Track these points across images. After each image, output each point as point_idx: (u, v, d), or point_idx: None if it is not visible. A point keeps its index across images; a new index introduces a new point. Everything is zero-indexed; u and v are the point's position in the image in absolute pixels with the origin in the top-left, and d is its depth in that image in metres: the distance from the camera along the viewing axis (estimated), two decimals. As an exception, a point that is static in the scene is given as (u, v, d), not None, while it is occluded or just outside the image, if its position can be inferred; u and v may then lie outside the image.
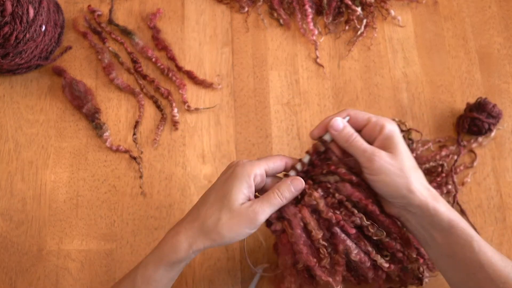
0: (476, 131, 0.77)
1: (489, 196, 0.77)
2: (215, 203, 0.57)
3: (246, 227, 0.56)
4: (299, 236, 0.58)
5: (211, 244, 0.57)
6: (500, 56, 0.85)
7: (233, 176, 0.57)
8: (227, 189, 0.57)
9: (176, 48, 0.84)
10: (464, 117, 0.78)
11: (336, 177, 0.60)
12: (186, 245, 0.57)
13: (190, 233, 0.57)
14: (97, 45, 0.83)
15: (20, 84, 0.81)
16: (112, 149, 0.78)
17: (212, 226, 0.56)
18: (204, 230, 0.56)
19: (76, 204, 0.75)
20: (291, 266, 0.60)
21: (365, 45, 0.85)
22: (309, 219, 0.58)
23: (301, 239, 0.58)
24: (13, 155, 0.78)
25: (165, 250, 0.57)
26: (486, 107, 0.76)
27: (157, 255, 0.58)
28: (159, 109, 0.80)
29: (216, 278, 0.72)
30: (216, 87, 0.82)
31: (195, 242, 0.57)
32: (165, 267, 0.57)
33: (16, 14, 0.74)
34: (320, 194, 0.59)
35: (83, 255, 0.73)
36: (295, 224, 0.58)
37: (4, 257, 0.72)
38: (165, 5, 0.86)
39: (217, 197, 0.58)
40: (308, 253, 0.58)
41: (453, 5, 0.88)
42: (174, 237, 0.57)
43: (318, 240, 0.58)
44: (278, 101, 0.81)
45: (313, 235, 0.58)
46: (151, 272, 0.57)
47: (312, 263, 0.58)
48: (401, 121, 0.79)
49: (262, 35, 0.85)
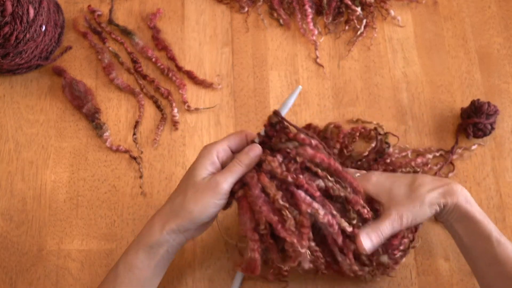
0: (481, 135, 0.77)
1: (488, 196, 0.77)
2: (181, 185, 0.60)
3: (211, 197, 0.58)
4: (258, 196, 0.58)
5: (182, 221, 0.58)
6: (500, 56, 0.85)
7: (197, 158, 0.61)
8: (191, 168, 0.60)
9: (176, 48, 0.84)
10: (466, 124, 0.77)
11: (295, 143, 0.61)
12: (159, 226, 0.59)
13: (162, 215, 0.60)
14: (97, 45, 0.83)
15: (20, 84, 0.81)
16: (112, 149, 0.78)
17: (179, 204, 0.59)
18: (173, 210, 0.59)
19: (76, 204, 0.75)
20: (252, 229, 0.59)
21: (365, 45, 0.85)
22: (267, 182, 0.58)
23: (259, 199, 0.58)
24: (13, 155, 0.78)
25: (142, 234, 0.60)
26: (482, 109, 0.76)
27: (136, 241, 0.61)
28: (159, 109, 0.80)
29: (216, 278, 0.72)
30: (216, 87, 0.82)
31: (167, 222, 0.59)
32: (143, 251, 0.59)
33: (16, 14, 0.74)
34: (279, 159, 0.60)
35: (83, 255, 0.73)
36: (253, 185, 0.58)
37: (4, 257, 0.73)
38: (165, 5, 0.87)
39: (183, 179, 0.61)
40: (268, 210, 0.58)
41: (453, 5, 0.88)
42: (149, 222, 0.61)
43: (277, 200, 0.58)
44: (278, 101, 0.81)
45: (272, 196, 0.58)
46: (131, 258, 0.59)
47: (274, 221, 0.57)
48: (378, 124, 0.79)
49: (262, 35, 0.85)
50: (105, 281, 0.61)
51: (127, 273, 0.59)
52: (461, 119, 0.79)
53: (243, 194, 0.60)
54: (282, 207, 0.58)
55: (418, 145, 0.79)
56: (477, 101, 0.77)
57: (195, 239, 0.73)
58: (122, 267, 0.59)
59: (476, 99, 0.77)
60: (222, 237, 0.73)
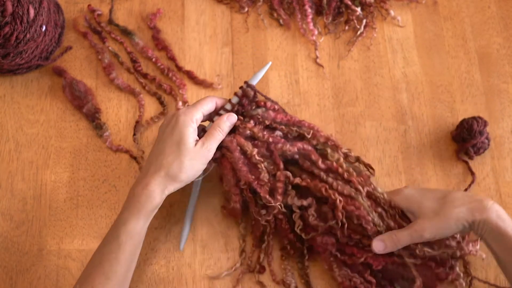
0: (483, 151, 0.77)
1: (488, 196, 0.77)
2: (173, 151, 0.65)
3: (202, 163, 0.66)
4: (238, 158, 0.67)
5: (180, 184, 0.65)
6: (499, 56, 0.85)
7: (179, 125, 0.65)
8: (178, 136, 0.65)
9: (176, 48, 0.84)
10: (465, 148, 0.76)
11: (262, 109, 0.72)
12: (159, 192, 0.64)
13: (160, 180, 0.64)
14: (97, 45, 0.83)
15: (21, 84, 0.81)
16: (112, 149, 0.78)
17: (177, 170, 0.64)
18: (171, 175, 0.64)
19: (76, 204, 0.75)
20: (234, 185, 0.69)
21: (365, 45, 0.85)
22: (244, 142, 0.68)
23: (239, 160, 0.67)
24: (14, 155, 0.78)
25: (141, 202, 0.63)
26: (474, 127, 0.75)
27: (135, 208, 0.63)
28: (162, 105, 0.80)
29: (216, 278, 0.72)
30: (216, 87, 0.82)
31: (166, 187, 0.64)
32: (144, 217, 0.63)
33: (17, 14, 0.74)
34: (252, 124, 0.70)
35: (84, 255, 0.73)
36: (233, 149, 0.68)
37: (5, 257, 0.73)
38: (165, 5, 0.87)
39: (172, 145, 0.65)
40: (247, 171, 0.67)
41: (452, 5, 0.88)
42: (146, 188, 0.63)
43: (254, 156, 0.67)
44: (278, 101, 0.81)
45: (249, 153, 0.68)
46: (133, 226, 0.63)
47: (251, 179, 0.67)
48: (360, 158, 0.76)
49: (262, 35, 0.85)
50: (106, 251, 0.63)
51: (129, 241, 0.62)
52: (456, 144, 0.78)
53: (222, 155, 0.69)
54: (258, 161, 0.68)
55: (418, 145, 0.79)
56: (466, 121, 0.76)
57: (195, 239, 0.74)
58: (124, 237, 0.62)
59: (464, 119, 0.77)
60: (222, 235, 0.74)
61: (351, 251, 0.68)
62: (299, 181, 0.69)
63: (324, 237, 0.69)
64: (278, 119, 0.72)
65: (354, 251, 0.68)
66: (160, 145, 0.66)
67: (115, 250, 0.62)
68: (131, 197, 0.64)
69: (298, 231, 0.69)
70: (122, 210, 0.64)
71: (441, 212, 0.63)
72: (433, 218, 0.63)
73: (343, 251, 0.69)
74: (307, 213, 0.69)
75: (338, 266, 0.69)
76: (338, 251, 0.69)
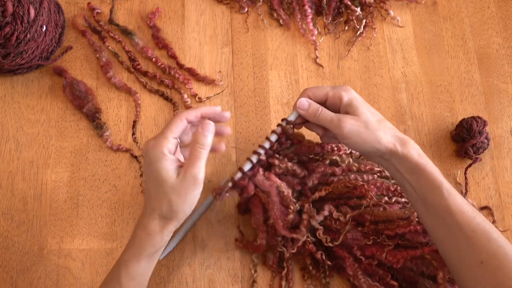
0: (482, 151, 0.77)
1: (488, 196, 0.77)
2: (157, 192, 0.60)
3: (193, 191, 0.60)
4: (275, 202, 0.67)
5: (178, 221, 0.61)
6: (499, 56, 0.85)
7: (152, 162, 0.60)
8: (154, 174, 0.60)
9: (176, 48, 0.84)
10: (465, 148, 0.77)
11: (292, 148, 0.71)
12: (159, 233, 0.61)
13: (156, 223, 0.61)
14: (95, 44, 0.83)
15: (21, 84, 0.82)
16: (112, 148, 0.78)
17: (169, 210, 0.60)
18: (166, 216, 0.60)
19: (76, 204, 0.76)
20: (263, 223, 0.69)
21: (365, 45, 0.85)
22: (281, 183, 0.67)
23: (275, 204, 0.67)
24: (14, 155, 0.78)
25: (142, 244, 0.61)
26: (473, 127, 0.75)
27: (136, 250, 0.61)
28: (167, 100, 0.81)
29: (216, 278, 0.72)
30: (218, 83, 0.82)
31: (165, 227, 0.61)
32: (145, 259, 0.61)
33: (17, 14, 0.74)
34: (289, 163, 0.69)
35: (84, 255, 0.73)
36: (273, 194, 0.66)
37: (5, 257, 0.73)
38: (165, 5, 0.87)
39: (154, 186, 0.60)
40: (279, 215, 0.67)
41: (452, 6, 0.88)
42: (145, 231, 0.61)
43: (289, 197, 0.67)
44: (278, 101, 0.82)
45: (286, 195, 0.67)
46: (134, 268, 0.61)
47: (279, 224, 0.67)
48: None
49: (262, 35, 0.86)
50: None
51: (130, 282, 0.61)
52: (456, 143, 0.79)
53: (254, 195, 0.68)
54: (291, 203, 0.67)
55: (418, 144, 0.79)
56: (465, 122, 0.76)
57: (195, 239, 0.74)
58: (125, 278, 0.60)
59: (463, 119, 0.77)
60: (222, 235, 0.74)
61: (371, 252, 0.69)
62: (319, 194, 0.70)
63: (353, 233, 0.69)
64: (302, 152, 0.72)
65: (374, 251, 0.69)
66: (147, 186, 0.62)
67: None
68: (133, 238, 0.62)
69: (329, 244, 0.69)
70: (124, 250, 0.62)
71: (371, 124, 0.62)
72: (361, 121, 0.62)
73: (364, 255, 0.69)
74: (328, 221, 0.70)
75: (362, 274, 0.69)
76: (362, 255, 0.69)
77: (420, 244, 0.68)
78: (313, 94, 0.66)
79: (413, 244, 0.68)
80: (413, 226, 0.69)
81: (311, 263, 0.71)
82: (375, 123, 0.63)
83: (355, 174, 0.73)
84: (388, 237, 0.69)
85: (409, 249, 0.68)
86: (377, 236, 0.69)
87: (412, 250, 0.68)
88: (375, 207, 0.70)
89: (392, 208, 0.71)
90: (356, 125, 0.62)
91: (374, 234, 0.70)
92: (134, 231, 0.62)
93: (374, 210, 0.70)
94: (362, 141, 0.62)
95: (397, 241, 0.69)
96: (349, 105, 0.63)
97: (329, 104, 0.66)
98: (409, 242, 0.69)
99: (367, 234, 0.70)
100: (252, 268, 0.72)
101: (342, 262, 0.70)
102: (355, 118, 0.62)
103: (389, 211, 0.70)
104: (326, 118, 0.64)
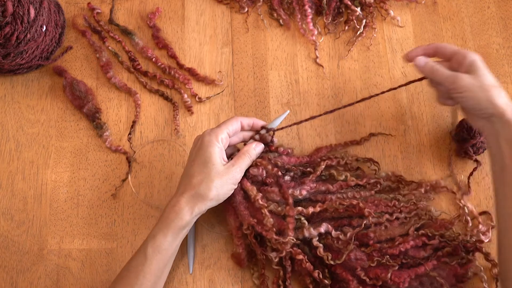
0: (482, 151, 0.77)
1: (487, 196, 0.77)
2: (201, 171, 0.65)
3: (232, 183, 0.67)
4: (240, 202, 0.68)
5: (210, 204, 0.65)
6: (498, 56, 0.85)
7: (205, 145, 0.66)
8: (205, 156, 0.66)
9: (176, 48, 0.84)
10: (465, 148, 0.76)
11: (275, 154, 0.73)
12: (188, 210, 0.64)
13: (188, 199, 0.64)
14: (95, 44, 0.84)
15: (21, 84, 0.82)
16: (112, 149, 0.78)
17: (206, 189, 0.64)
18: (200, 195, 0.64)
19: (76, 204, 0.76)
20: (237, 228, 0.70)
21: (365, 45, 0.85)
22: (249, 186, 0.69)
23: (241, 205, 0.68)
24: (14, 155, 0.78)
25: (171, 218, 0.64)
26: (473, 128, 0.75)
27: (164, 224, 0.64)
28: (168, 100, 0.81)
29: (216, 278, 0.72)
30: (218, 83, 0.82)
31: (195, 206, 0.64)
32: (172, 233, 0.64)
33: (17, 14, 0.74)
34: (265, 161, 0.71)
35: (84, 254, 0.73)
36: (236, 192, 0.68)
37: (5, 256, 0.73)
38: (165, 5, 0.87)
39: (200, 165, 0.66)
40: (249, 215, 0.68)
41: (452, 6, 0.88)
42: (176, 206, 0.64)
43: (257, 201, 0.67)
44: (278, 101, 0.82)
45: (253, 197, 0.68)
46: (160, 241, 0.64)
47: (254, 223, 0.67)
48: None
49: (262, 35, 0.86)
50: (134, 264, 0.64)
51: (156, 255, 0.63)
52: (456, 143, 0.78)
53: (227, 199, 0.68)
54: (261, 205, 0.67)
55: (418, 145, 0.79)
56: (466, 120, 0.76)
57: (195, 239, 0.74)
58: (151, 250, 0.63)
59: (464, 119, 0.77)
60: (222, 235, 0.74)
61: (375, 273, 0.67)
62: (313, 209, 0.69)
63: (356, 253, 0.68)
64: (291, 163, 0.74)
65: (378, 272, 0.67)
66: (189, 166, 0.67)
67: (142, 263, 0.63)
68: (162, 215, 0.65)
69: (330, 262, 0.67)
70: (153, 228, 0.65)
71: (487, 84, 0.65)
72: (477, 80, 0.65)
73: (368, 276, 0.67)
74: (329, 240, 0.68)
75: None
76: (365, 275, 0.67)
77: (422, 260, 0.68)
78: (442, 49, 0.71)
79: (416, 262, 0.68)
80: (413, 241, 0.69)
81: (311, 282, 0.69)
82: (490, 85, 0.65)
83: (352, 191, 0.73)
84: (391, 257, 0.68)
85: (413, 268, 0.67)
86: (381, 257, 0.68)
87: (416, 268, 0.67)
88: (377, 226, 0.70)
89: (392, 225, 0.70)
90: (471, 82, 0.65)
91: (377, 255, 0.68)
92: (164, 210, 0.65)
93: (377, 230, 0.69)
94: (475, 97, 0.65)
95: (401, 260, 0.68)
96: (471, 65, 0.66)
97: (454, 62, 0.69)
98: (412, 259, 0.68)
99: (371, 255, 0.68)
100: (252, 268, 0.72)
101: (345, 285, 0.68)
102: (471, 76, 0.66)
103: (390, 229, 0.70)
104: (443, 74, 0.68)
